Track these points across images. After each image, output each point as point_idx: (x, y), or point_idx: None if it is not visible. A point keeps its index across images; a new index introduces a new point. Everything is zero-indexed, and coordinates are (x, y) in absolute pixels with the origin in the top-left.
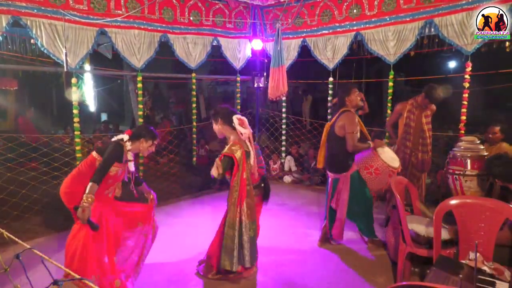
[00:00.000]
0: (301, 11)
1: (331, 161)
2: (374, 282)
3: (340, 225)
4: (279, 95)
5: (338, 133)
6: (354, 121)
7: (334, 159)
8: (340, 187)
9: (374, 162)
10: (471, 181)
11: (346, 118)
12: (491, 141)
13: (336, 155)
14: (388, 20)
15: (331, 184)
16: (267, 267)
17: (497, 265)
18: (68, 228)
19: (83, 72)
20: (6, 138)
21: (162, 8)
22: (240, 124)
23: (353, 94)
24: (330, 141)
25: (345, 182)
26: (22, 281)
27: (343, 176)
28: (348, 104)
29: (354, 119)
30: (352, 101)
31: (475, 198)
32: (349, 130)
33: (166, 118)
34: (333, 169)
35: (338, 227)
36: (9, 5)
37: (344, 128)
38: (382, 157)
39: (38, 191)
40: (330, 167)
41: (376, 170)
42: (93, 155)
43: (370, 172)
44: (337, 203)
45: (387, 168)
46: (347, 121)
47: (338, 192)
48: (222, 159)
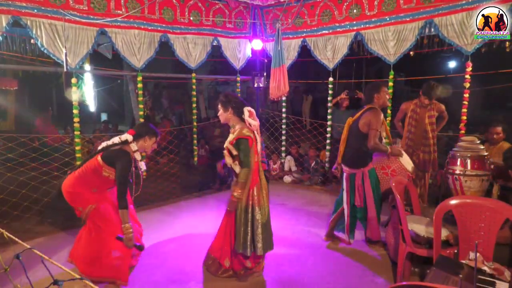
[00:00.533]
0: (301, 11)
1: (351, 156)
2: (374, 282)
3: (374, 223)
4: (281, 95)
5: (362, 129)
6: (380, 119)
7: (354, 154)
8: (358, 183)
9: (392, 164)
10: (471, 181)
11: (372, 115)
12: (493, 141)
13: (357, 151)
14: (388, 20)
15: (348, 179)
16: (267, 266)
17: (497, 265)
18: (68, 228)
19: (83, 72)
20: (6, 138)
21: (162, 8)
22: (250, 115)
23: (382, 91)
24: (352, 136)
25: (364, 179)
26: (22, 281)
27: (359, 172)
28: (376, 102)
29: (380, 117)
30: (380, 98)
31: (475, 198)
32: (374, 127)
33: (166, 118)
34: (351, 164)
35: (373, 225)
36: (9, 5)
37: (369, 124)
38: (400, 159)
39: (38, 191)
40: (347, 162)
41: (393, 171)
42: (99, 162)
43: (387, 173)
44: (361, 200)
45: (405, 171)
46: (373, 118)
47: (357, 189)
48: (238, 141)
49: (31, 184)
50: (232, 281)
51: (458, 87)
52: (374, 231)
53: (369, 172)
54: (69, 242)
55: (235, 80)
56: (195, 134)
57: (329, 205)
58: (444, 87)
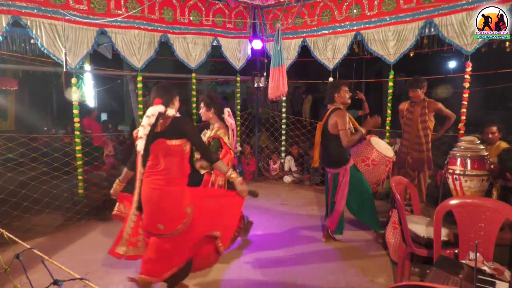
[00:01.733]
0: (301, 11)
1: (329, 158)
2: (374, 282)
3: (337, 216)
4: (279, 95)
5: (332, 131)
6: (345, 118)
7: (331, 156)
8: (341, 180)
9: (370, 154)
10: (471, 181)
11: (337, 116)
12: (489, 141)
13: (333, 152)
14: (388, 20)
15: (331, 179)
16: (267, 266)
17: (497, 265)
18: (68, 228)
19: (83, 72)
20: (6, 138)
21: (162, 8)
22: (228, 115)
23: (342, 90)
24: (325, 139)
25: (345, 175)
26: (22, 281)
27: (342, 169)
28: (337, 101)
29: (345, 116)
30: (341, 97)
31: (475, 198)
32: (342, 127)
33: None
34: (332, 165)
35: (335, 218)
36: (9, 5)
37: (336, 126)
38: (377, 148)
39: (38, 191)
40: (328, 164)
41: (373, 161)
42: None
43: (368, 164)
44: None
45: (384, 158)
46: (339, 118)
47: (339, 186)
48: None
49: (31, 184)
50: (233, 281)
51: (458, 87)
52: (333, 222)
53: (350, 168)
54: (69, 242)
55: (235, 80)
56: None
57: None
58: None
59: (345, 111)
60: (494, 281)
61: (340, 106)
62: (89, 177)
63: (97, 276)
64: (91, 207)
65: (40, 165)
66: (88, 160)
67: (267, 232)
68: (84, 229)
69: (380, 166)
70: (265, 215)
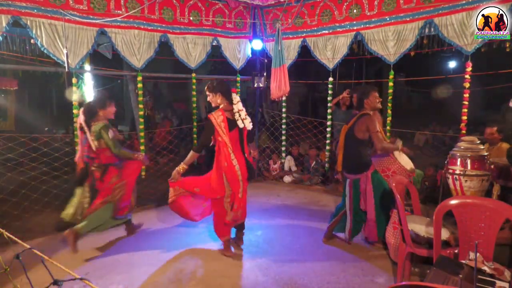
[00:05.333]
0: (301, 11)
1: (351, 163)
2: (374, 282)
3: (373, 225)
4: (282, 95)
5: (358, 135)
6: (375, 123)
7: (354, 161)
8: (363, 188)
9: (392, 165)
10: (471, 181)
11: (368, 120)
12: (491, 142)
13: (356, 157)
14: (388, 20)
15: (351, 185)
16: (268, 266)
17: (497, 265)
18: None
19: (83, 72)
20: (6, 138)
21: (162, 8)
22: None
23: (372, 96)
24: (349, 143)
25: (367, 183)
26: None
27: (363, 176)
28: (367, 107)
29: (375, 121)
30: (370, 103)
31: (475, 198)
32: (374, 130)
33: (167, 118)
34: (354, 170)
35: (372, 227)
36: (9, 5)
37: (366, 130)
38: (399, 160)
39: (38, 191)
40: (349, 169)
41: (393, 172)
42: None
43: (388, 175)
44: (365, 204)
45: (405, 171)
46: (369, 122)
47: (363, 193)
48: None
49: (31, 184)
50: (233, 280)
51: (458, 87)
52: (372, 232)
53: (371, 175)
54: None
55: (235, 80)
56: (195, 134)
57: (329, 205)
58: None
59: (373, 116)
60: (494, 281)
61: (369, 112)
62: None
63: (97, 276)
64: None
65: (40, 165)
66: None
67: (267, 232)
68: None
69: None
70: (265, 215)
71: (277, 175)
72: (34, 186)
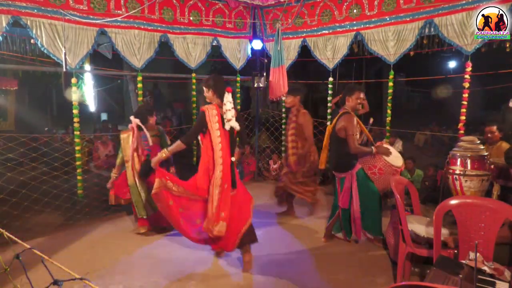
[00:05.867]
0: (301, 11)
1: (336, 161)
2: (374, 282)
3: (358, 223)
4: (280, 95)
5: (339, 134)
6: (353, 123)
7: (338, 159)
8: (347, 186)
9: (378, 163)
10: (471, 181)
11: (346, 120)
12: (489, 141)
13: (340, 156)
14: (388, 20)
15: (339, 183)
16: (267, 266)
17: (497, 265)
18: (68, 228)
19: (83, 72)
20: (6, 138)
21: (162, 8)
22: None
23: (354, 95)
24: (333, 142)
25: (352, 181)
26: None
27: (348, 174)
28: (347, 105)
29: (353, 121)
30: (351, 101)
31: (475, 198)
32: (350, 132)
33: (167, 118)
34: (338, 169)
35: (358, 226)
36: (9, 5)
37: (344, 130)
38: (384, 157)
39: (38, 191)
40: (335, 168)
41: (379, 170)
42: None
43: (374, 173)
44: (343, 201)
45: (391, 167)
46: (346, 123)
47: (345, 191)
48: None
49: (31, 184)
50: (233, 280)
51: (458, 87)
52: (357, 230)
53: (356, 173)
54: (69, 242)
55: (235, 80)
56: None
57: (329, 205)
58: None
59: (353, 115)
60: (494, 281)
61: (349, 110)
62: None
63: (97, 276)
64: (91, 207)
65: (40, 165)
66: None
67: (267, 232)
68: (84, 229)
69: (386, 175)
70: (264, 215)
71: (277, 175)
72: (34, 186)
